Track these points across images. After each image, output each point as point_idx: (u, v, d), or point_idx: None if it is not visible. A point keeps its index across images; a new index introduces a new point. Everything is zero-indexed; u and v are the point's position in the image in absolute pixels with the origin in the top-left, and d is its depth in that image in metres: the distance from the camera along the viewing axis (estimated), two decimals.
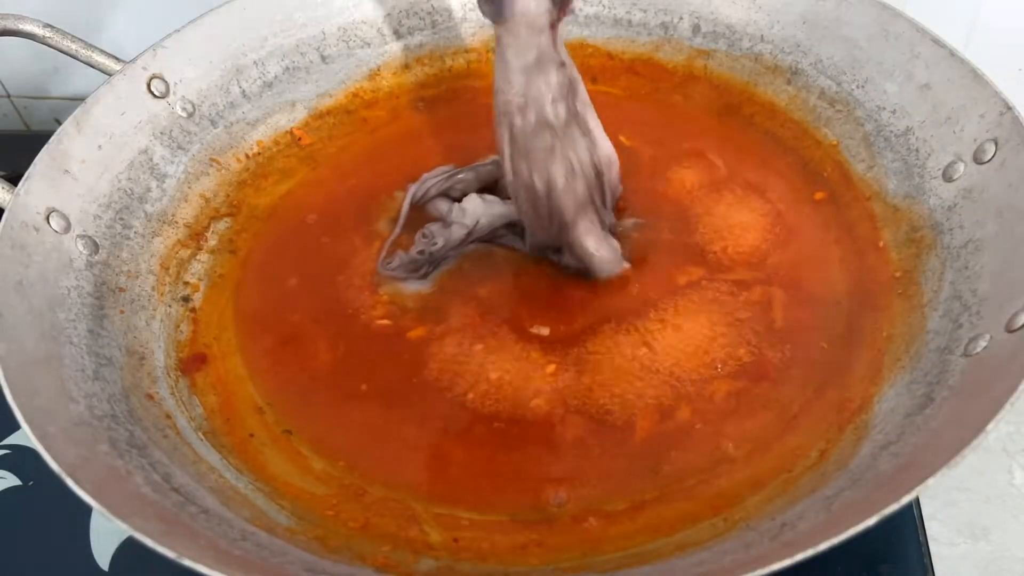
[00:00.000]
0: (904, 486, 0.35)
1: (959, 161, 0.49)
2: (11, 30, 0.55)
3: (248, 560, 0.38)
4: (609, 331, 0.49)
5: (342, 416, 0.48)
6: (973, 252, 0.47)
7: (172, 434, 0.46)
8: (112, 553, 0.50)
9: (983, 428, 0.35)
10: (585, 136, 0.48)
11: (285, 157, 0.62)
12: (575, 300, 0.51)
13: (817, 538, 0.34)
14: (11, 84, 0.83)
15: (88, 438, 0.42)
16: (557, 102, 0.46)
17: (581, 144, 0.48)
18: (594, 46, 0.65)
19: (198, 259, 0.56)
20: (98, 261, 0.51)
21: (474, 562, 0.42)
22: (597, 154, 0.49)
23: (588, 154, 0.49)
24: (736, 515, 0.42)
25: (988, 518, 0.51)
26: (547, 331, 0.49)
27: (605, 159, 0.50)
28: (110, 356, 0.48)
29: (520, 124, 0.47)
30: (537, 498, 0.43)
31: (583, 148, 0.48)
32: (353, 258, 0.55)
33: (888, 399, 0.44)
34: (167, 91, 0.57)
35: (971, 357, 0.42)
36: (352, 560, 0.41)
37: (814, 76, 0.59)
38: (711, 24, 0.62)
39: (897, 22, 0.54)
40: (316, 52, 0.63)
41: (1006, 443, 0.54)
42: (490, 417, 0.46)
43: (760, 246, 0.53)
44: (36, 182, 0.49)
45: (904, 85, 0.54)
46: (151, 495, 0.40)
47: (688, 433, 0.45)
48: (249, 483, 0.45)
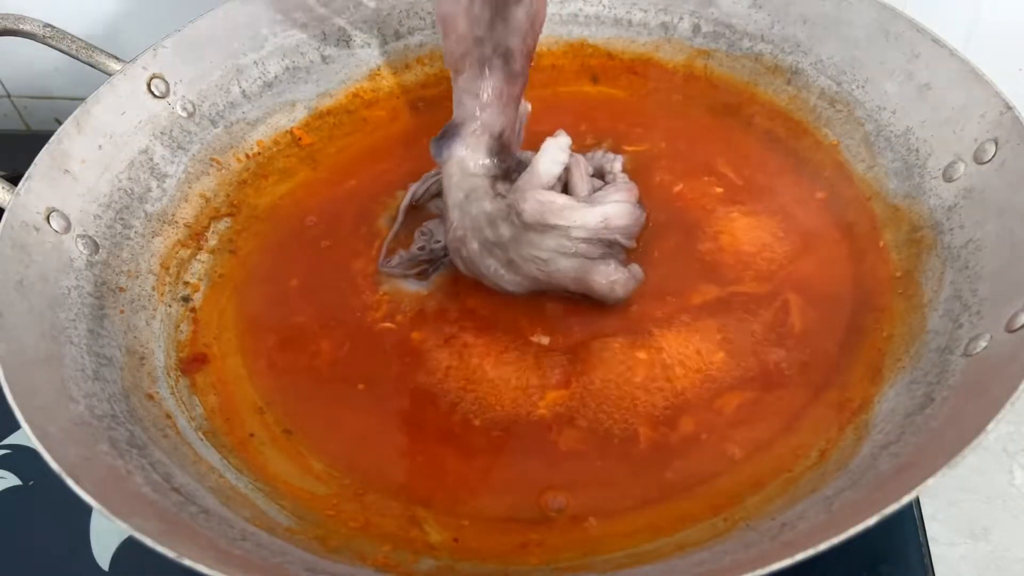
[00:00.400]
0: (904, 486, 0.35)
1: (959, 161, 0.49)
2: (11, 30, 0.55)
3: (248, 560, 0.38)
4: (609, 341, 0.49)
5: (342, 417, 0.48)
6: (973, 252, 0.47)
7: (172, 434, 0.46)
8: (112, 553, 0.50)
9: (983, 428, 0.35)
10: (559, 223, 0.48)
11: (285, 157, 0.62)
12: (578, 310, 0.50)
13: (817, 538, 0.34)
14: (11, 84, 0.83)
15: (88, 438, 0.42)
16: (497, 223, 0.48)
17: (552, 234, 0.48)
18: (594, 46, 0.65)
19: (198, 259, 0.56)
20: (98, 261, 0.51)
21: (474, 562, 0.42)
22: (591, 224, 0.48)
23: (565, 238, 0.48)
24: (736, 515, 0.42)
25: (988, 518, 0.51)
26: (547, 340, 0.49)
27: (600, 223, 0.49)
28: (110, 356, 0.48)
29: (467, 253, 0.49)
30: (536, 503, 0.43)
31: (556, 235, 0.48)
32: (354, 259, 0.55)
33: (888, 399, 0.44)
34: (167, 91, 0.57)
35: (971, 357, 0.42)
36: (352, 560, 0.41)
37: (814, 76, 0.59)
38: (711, 24, 0.62)
39: (897, 22, 0.54)
40: (316, 52, 0.63)
41: (1006, 443, 0.54)
42: (488, 425, 0.46)
43: (762, 248, 0.53)
44: (36, 182, 0.49)
45: (904, 85, 0.54)
46: (151, 495, 0.40)
47: (693, 443, 0.45)
48: (249, 483, 0.45)
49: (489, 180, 0.49)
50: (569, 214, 0.47)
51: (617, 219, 0.49)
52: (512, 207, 0.47)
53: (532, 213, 0.47)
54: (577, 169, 0.51)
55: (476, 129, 0.49)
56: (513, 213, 0.47)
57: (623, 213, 0.49)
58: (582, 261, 0.48)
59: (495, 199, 0.49)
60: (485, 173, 0.49)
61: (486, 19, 0.46)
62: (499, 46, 0.47)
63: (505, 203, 0.48)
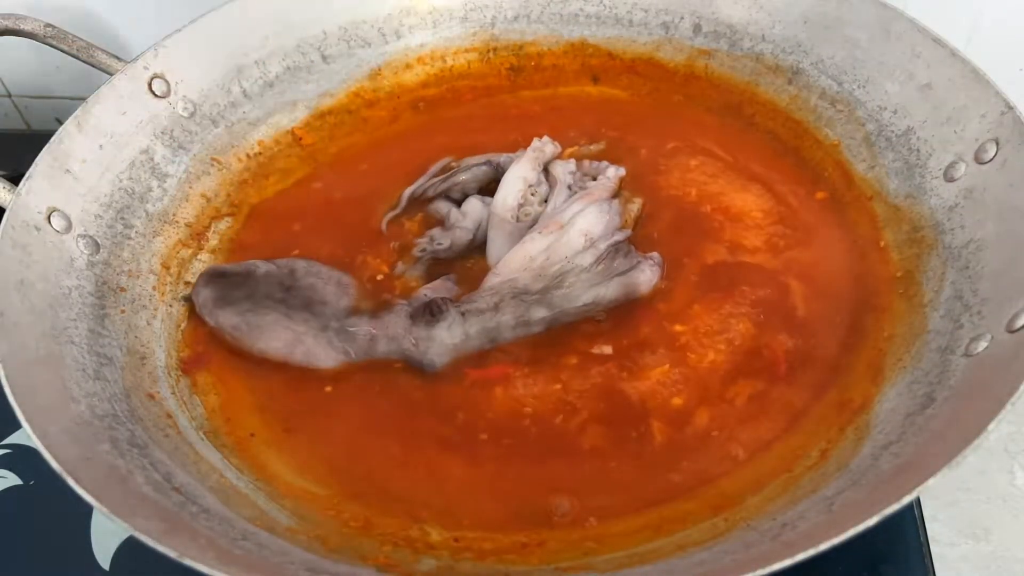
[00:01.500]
0: (905, 486, 0.35)
1: (960, 161, 0.49)
2: (12, 29, 0.55)
3: (249, 560, 0.38)
4: (628, 340, 0.49)
5: (344, 416, 0.48)
6: (974, 252, 0.47)
7: (173, 433, 0.46)
8: (113, 552, 0.50)
9: (984, 428, 0.35)
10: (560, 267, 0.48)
11: (286, 157, 0.62)
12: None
13: (818, 538, 0.34)
14: (12, 83, 0.83)
15: (89, 437, 0.42)
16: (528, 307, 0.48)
17: (569, 279, 0.48)
18: (595, 45, 0.65)
19: (199, 259, 0.56)
20: (99, 261, 0.51)
21: (475, 562, 0.42)
22: (577, 246, 0.49)
23: (583, 272, 0.48)
24: (737, 515, 0.42)
25: (989, 519, 0.51)
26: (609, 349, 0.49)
27: (584, 242, 0.49)
28: (111, 355, 0.48)
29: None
30: (540, 505, 0.43)
31: (574, 276, 0.48)
32: (356, 258, 0.55)
33: (889, 399, 0.44)
34: (168, 91, 0.57)
35: (972, 357, 0.42)
36: (353, 560, 0.41)
37: (815, 76, 0.59)
38: (712, 24, 0.62)
39: (898, 22, 0.54)
40: (317, 52, 0.63)
41: (1007, 443, 0.54)
42: (497, 430, 0.46)
43: (763, 245, 0.53)
44: (37, 181, 0.49)
45: (905, 85, 0.53)
46: (152, 494, 0.40)
47: (704, 441, 0.45)
48: (250, 483, 0.45)
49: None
50: (558, 251, 0.48)
51: (593, 227, 0.49)
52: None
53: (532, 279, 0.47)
54: (556, 184, 0.51)
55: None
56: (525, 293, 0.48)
57: (593, 220, 0.50)
58: (619, 281, 0.49)
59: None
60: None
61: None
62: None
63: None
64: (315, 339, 0.48)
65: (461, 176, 0.56)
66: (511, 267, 0.48)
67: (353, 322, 0.48)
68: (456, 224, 0.54)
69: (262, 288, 0.50)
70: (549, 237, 0.49)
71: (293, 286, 0.50)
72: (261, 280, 0.50)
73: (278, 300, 0.49)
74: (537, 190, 0.52)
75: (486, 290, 0.48)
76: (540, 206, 0.52)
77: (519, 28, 0.66)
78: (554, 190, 0.52)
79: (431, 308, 0.46)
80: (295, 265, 0.51)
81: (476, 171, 0.56)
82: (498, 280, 0.48)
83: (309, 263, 0.51)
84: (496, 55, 0.66)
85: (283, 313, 0.48)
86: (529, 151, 0.53)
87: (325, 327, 0.48)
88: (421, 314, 0.46)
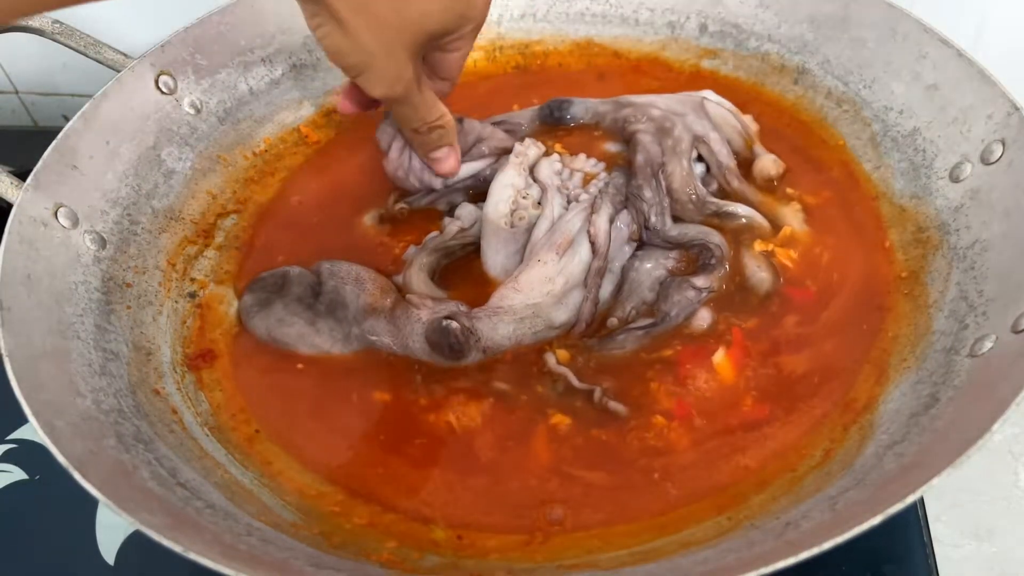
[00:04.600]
0: (908, 486, 0.35)
1: (966, 162, 0.49)
2: (20, 26, 0.55)
3: (253, 555, 0.38)
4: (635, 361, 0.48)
5: (348, 415, 0.48)
6: (980, 253, 0.47)
7: (178, 429, 0.46)
8: (118, 547, 0.50)
9: (988, 429, 0.35)
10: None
11: (292, 154, 0.62)
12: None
13: (821, 537, 0.34)
14: (19, 80, 0.84)
15: (95, 432, 0.42)
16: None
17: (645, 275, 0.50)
18: (601, 45, 0.65)
19: (205, 255, 0.56)
20: (105, 257, 0.51)
21: (478, 559, 0.42)
22: (585, 259, 0.49)
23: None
24: (740, 514, 0.42)
25: (993, 519, 0.51)
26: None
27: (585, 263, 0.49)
28: (117, 351, 0.48)
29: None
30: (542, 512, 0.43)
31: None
32: (363, 254, 0.54)
33: (893, 399, 0.44)
34: (175, 88, 0.57)
35: (977, 358, 0.42)
36: (357, 556, 0.41)
37: (821, 76, 0.59)
38: (718, 24, 0.62)
39: (905, 22, 0.54)
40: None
41: (1012, 444, 0.53)
42: (503, 435, 0.46)
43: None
44: (44, 178, 0.49)
45: (911, 85, 0.53)
46: (157, 489, 0.40)
47: (706, 457, 0.44)
48: (254, 479, 0.45)
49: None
50: (573, 272, 0.48)
51: (599, 238, 0.49)
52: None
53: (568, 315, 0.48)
54: (547, 189, 0.51)
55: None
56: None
57: (602, 238, 0.49)
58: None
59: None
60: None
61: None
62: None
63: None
64: (336, 348, 0.49)
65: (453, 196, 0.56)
66: (530, 288, 0.48)
67: (370, 327, 0.48)
68: (452, 222, 0.53)
69: (295, 290, 0.51)
70: (564, 257, 0.48)
71: (321, 291, 0.50)
72: (295, 281, 0.51)
73: (307, 306, 0.50)
74: (528, 193, 0.51)
75: (506, 310, 0.47)
76: (535, 208, 0.51)
77: (525, 27, 0.66)
78: (546, 195, 0.51)
79: (451, 343, 0.46)
80: (320, 268, 0.51)
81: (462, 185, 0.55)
82: (519, 300, 0.47)
83: (333, 264, 0.51)
84: (502, 54, 0.66)
85: (308, 321, 0.49)
86: (512, 157, 0.52)
87: (347, 335, 0.49)
88: (441, 347, 0.46)
